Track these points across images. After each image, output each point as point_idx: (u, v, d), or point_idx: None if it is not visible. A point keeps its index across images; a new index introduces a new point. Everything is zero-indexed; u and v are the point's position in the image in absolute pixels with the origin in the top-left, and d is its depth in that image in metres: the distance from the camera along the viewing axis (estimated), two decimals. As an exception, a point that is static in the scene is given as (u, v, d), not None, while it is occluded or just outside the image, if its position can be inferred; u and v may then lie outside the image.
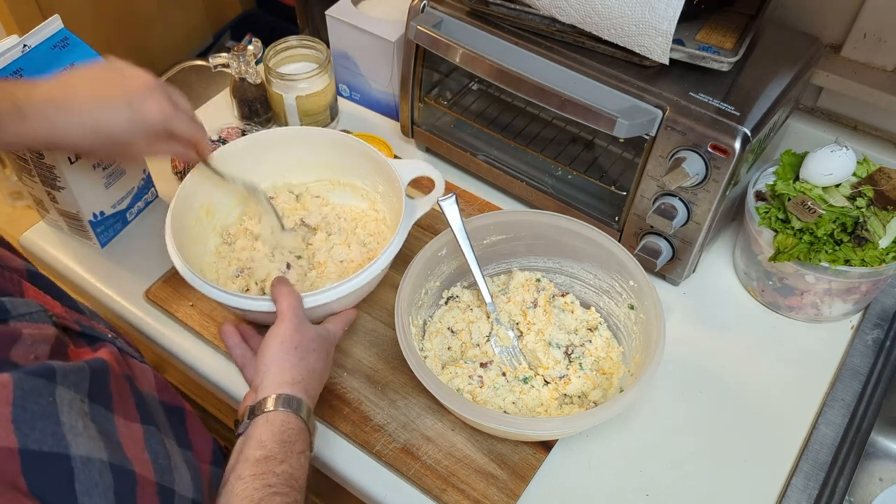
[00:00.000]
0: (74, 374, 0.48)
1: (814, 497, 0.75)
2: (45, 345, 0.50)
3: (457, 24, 0.90)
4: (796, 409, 0.82)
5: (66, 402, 0.46)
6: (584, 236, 0.84)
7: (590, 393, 0.80)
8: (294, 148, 0.94)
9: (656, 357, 0.72)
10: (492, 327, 0.84)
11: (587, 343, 0.84)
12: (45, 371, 0.46)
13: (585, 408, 0.80)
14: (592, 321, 0.86)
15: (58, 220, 0.94)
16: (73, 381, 0.48)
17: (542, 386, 0.81)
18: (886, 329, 0.89)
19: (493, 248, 0.88)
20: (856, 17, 0.93)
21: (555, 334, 0.84)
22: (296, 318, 0.73)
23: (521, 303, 0.86)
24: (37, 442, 0.43)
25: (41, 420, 0.44)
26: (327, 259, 0.89)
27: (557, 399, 0.80)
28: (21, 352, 0.48)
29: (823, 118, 1.03)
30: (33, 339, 0.49)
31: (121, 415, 0.51)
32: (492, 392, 0.79)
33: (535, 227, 0.87)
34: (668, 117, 0.79)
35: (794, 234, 0.81)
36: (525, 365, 0.82)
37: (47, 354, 0.49)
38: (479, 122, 1.03)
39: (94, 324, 0.60)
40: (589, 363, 0.83)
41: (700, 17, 0.86)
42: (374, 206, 0.95)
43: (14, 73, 0.78)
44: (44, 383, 0.45)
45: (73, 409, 0.46)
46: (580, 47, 0.85)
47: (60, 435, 0.44)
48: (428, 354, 0.83)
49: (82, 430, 0.46)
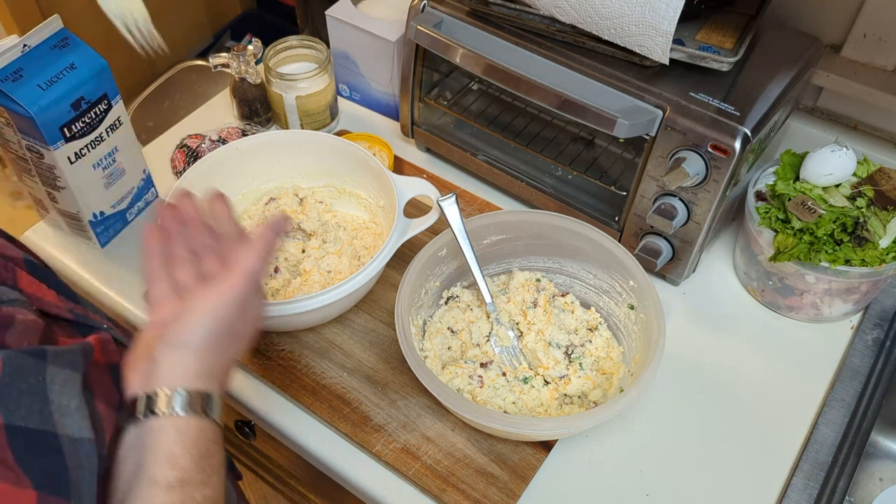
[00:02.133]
0: (68, 354, 0.48)
1: (814, 497, 0.75)
2: (35, 335, 0.50)
3: (457, 24, 0.90)
4: (796, 409, 0.82)
5: (58, 380, 0.46)
6: (584, 236, 0.84)
7: (590, 393, 0.80)
8: (306, 152, 0.95)
9: (656, 357, 0.72)
10: (492, 327, 0.84)
11: (587, 343, 0.84)
12: (35, 351, 0.46)
13: (586, 408, 0.80)
14: (593, 321, 0.86)
15: (58, 220, 0.94)
16: (70, 360, 0.48)
17: (542, 386, 0.81)
18: (886, 329, 0.89)
19: (494, 248, 0.88)
20: (856, 17, 0.93)
21: (555, 334, 0.84)
22: (247, 283, 0.57)
23: (522, 303, 0.86)
24: (22, 419, 0.43)
25: (27, 397, 0.44)
26: (314, 268, 0.89)
27: (557, 399, 0.80)
28: (14, 337, 0.48)
29: (823, 118, 1.03)
30: (25, 326, 0.49)
31: (100, 399, 0.51)
32: (492, 392, 0.79)
33: (535, 227, 0.86)
34: (669, 117, 0.79)
35: (794, 234, 0.81)
36: (525, 365, 0.82)
37: (37, 343, 0.50)
38: (479, 122, 1.03)
39: (88, 313, 0.60)
40: (589, 363, 0.83)
41: (700, 17, 0.86)
42: (375, 219, 0.96)
43: (14, 72, 0.78)
44: (34, 362, 0.46)
45: (66, 388, 0.46)
46: (580, 47, 0.85)
47: (47, 413, 0.45)
48: (428, 354, 0.83)
49: (73, 410, 0.46)
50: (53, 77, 0.80)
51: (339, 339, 0.86)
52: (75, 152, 0.84)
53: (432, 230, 0.86)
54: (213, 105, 1.17)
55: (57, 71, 0.80)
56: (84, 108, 0.83)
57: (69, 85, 0.81)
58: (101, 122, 0.86)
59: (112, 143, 0.89)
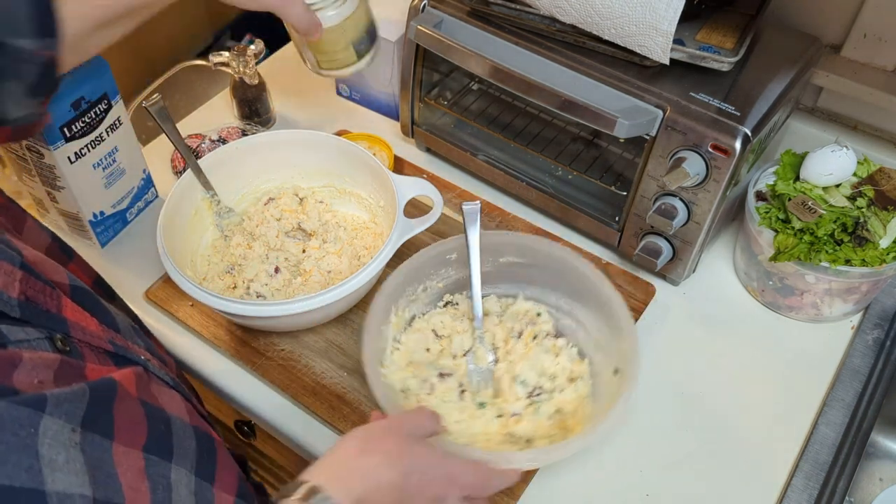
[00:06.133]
0: (69, 402, 0.46)
1: (814, 497, 0.75)
2: (48, 370, 0.48)
3: (457, 24, 0.90)
4: (796, 409, 0.82)
5: (49, 433, 0.44)
6: (596, 285, 0.79)
7: (537, 441, 0.75)
8: (306, 152, 0.94)
9: (609, 420, 0.68)
10: (473, 343, 0.83)
11: (557, 392, 0.78)
12: (33, 400, 0.44)
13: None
14: (576, 373, 0.80)
15: (58, 220, 0.94)
16: (66, 410, 0.45)
17: (494, 417, 0.77)
18: (887, 329, 0.89)
19: (509, 268, 0.85)
20: (856, 17, 0.93)
21: (525, 372, 0.79)
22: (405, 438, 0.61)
23: (510, 330, 0.84)
24: (8, 477, 0.41)
25: (16, 453, 0.42)
26: (314, 268, 0.89)
27: (504, 435, 0.76)
28: (23, 376, 0.46)
29: (823, 118, 1.04)
30: (34, 363, 0.47)
31: (122, 441, 0.48)
32: (438, 403, 0.77)
33: (555, 262, 0.82)
34: (669, 117, 0.79)
35: (794, 234, 0.81)
36: (490, 391, 0.80)
37: (51, 380, 0.48)
38: (479, 122, 1.03)
39: (128, 344, 0.58)
40: (549, 411, 0.77)
41: (700, 17, 0.86)
42: (375, 219, 0.95)
43: (14, 72, 0.78)
44: (28, 413, 0.43)
45: (56, 441, 0.44)
46: (580, 47, 0.85)
47: (36, 469, 0.42)
48: (400, 347, 0.81)
49: (63, 464, 0.44)
50: (53, 77, 0.80)
51: (339, 339, 0.86)
52: (75, 152, 0.84)
53: (432, 230, 0.86)
54: (213, 105, 1.17)
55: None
56: (84, 107, 0.83)
57: (69, 85, 0.81)
58: (101, 122, 0.86)
59: (112, 142, 0.89)
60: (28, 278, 0.51)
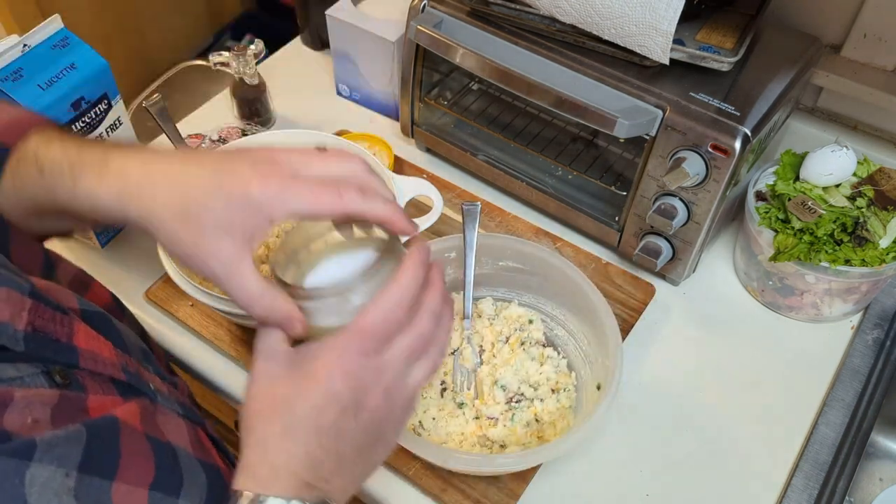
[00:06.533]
0: (63, 446, 0.44)
1: (814, 497, 0.75)
2: (45, 407, 0.46)
3: (457, 24, 0.90)
4: (796, 409, 0.82)
5: (38, 482, 0.42)
6: (591, 301, 0.77)
7: (510, 447, 0.76)
8: None
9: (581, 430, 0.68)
10: (461, 343, 0.83)
11: (538, 401, 0.79)
12: (20, 449, 0.42)
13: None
14: (561, 384, 0.80)
15: (58, 220, 0.94)
16: (59, 455, 0.43)
17: (471, 418, 0.78)
18: (886, 329, 0.89)
19: (508, 273, 0.85)
20: (856, 17, 0.93)
21: (507, 377, 0.79)
22: (369, 342, 0.48)
23: (498, 333, 0.84)
24: None
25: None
26: None
27: (478, 437, 0.76)
28: (15, 416, 0.44)
29: (823, 118, 1.04)
30: (27, 401, 0.45)
31: (124, 480, 0.46)
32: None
33: (553, 272, 0.81)
34: (669, 117, 0.79)
35: (794, 234, 0.81)
36: (472, 392, 0.80)
37: (48, 417, 0.45)
38: (479, 122, 1.03)
39: (141, 370, 0.56)
40: (525, 418, 0.77)
41: (700, 17, 0.86)
42: None
43: (14, 72, 0.78)
44: (14, 464, 0.41)
45: (46, 490, 0.42)
46: (580, 47, 0.85)
47: None
48: None
49: None
50: (53, 77, 0.80)
51: (339, 339, 0.86)
52: (75, 152, 0.84)
53: (432, 230, 0.85)
54: (213, 105, 1.17)
55: (57, 71, 0.80)
56: (84, 108, 0.83)
57: (69, 85, 0.81)
58: (101, 122, 0.86)
59: (112, 143, 0.89)
60: (38, 306, 0.49)
